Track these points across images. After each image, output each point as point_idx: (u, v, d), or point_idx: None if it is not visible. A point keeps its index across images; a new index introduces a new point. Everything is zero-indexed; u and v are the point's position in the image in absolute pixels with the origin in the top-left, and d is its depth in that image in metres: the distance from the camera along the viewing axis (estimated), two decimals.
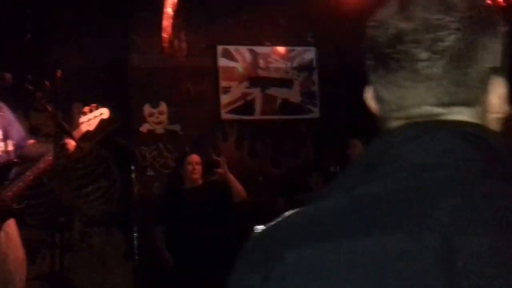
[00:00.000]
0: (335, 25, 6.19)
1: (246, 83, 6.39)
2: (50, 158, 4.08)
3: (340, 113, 6.44)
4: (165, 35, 5.46)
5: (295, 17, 6.31)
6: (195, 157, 5.31)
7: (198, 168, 5.28)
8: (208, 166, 5.37)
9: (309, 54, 6.58)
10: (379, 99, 0.91)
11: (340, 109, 6.44)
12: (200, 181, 5.32)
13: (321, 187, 5.59)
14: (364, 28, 0.91)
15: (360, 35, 0.91)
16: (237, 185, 5.29)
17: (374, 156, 0.85)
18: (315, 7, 6.22)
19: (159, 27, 5.66)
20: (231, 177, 5.31)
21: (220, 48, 6.29)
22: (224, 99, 6.30)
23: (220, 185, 5.30)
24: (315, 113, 6.58)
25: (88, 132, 4.26)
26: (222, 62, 6.30)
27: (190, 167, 5.27)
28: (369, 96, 0.94)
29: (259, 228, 0.86)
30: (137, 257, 6.00)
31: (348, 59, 6.30)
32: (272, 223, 0.84)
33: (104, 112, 4.33)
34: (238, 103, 6.36)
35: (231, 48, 6.33)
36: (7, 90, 4.25)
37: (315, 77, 6.60)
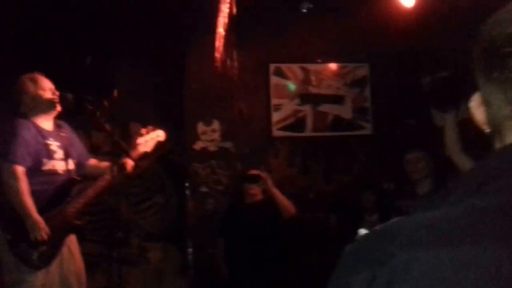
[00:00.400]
0: (388, 41, 6.19)
1: (297, 100, 6.46)
2: (109, 176, 4.27)
3: (393, 129, 6.43)
4: (217, 54, 5.59)
5: (348, 34, 6.31)
6: None
7: None
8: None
9: (362, 70, 6.60)
10: (490, 104, 0.86)
11: (393, 125, 6.44)
12: (259, 197, 5.41)
13: (374, 204, 5.58)
14: (419, 43, 0.91)
15: (413, 50, 0.92)
16: (283, 201, 5.32)
17: (489, 170, 0.82)
18: (368, 23, 6.19)
19: (212, 47, 5.80)
20: (277, 193, 5.35)
21: (272, 66, 6.40)
22: (276, 116, 6.39)
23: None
24: (368, 129, 6.58)
25: (145, 153, 4.43)
26: (274, 80, 6.40)
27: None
28: (475, 104, 0.90)
29: (363, 231, 0.86)
30: (192, 271, 6.11)
31: (402, 74, 6.36)
32: (379, 227, 0.82)
33: (160, 134, 4.50)
34: (290, 120, 6.43)
35: (283, 66, 6.44)
36: (69, 110, 4.44)
37: (367, 93, 6.61)
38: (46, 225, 4.03)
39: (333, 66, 6.60)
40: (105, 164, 4.56)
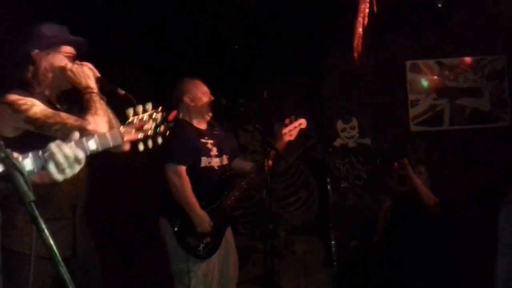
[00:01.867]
0: None
1: (434, 95, 6.55)
2: (259, 171, 4.58)
3: None
4: (355, 54, 5.78)
5: (484, 26, 6.32)
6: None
7: None
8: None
9: (500, 62, 6.57)
10: None
11: None
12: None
13: None
14: None
15: None
16: (424, 191, 5.43)
17: None
18: (504, 14, 6.15)
19: (350, 47, 6.00)
20: (417, 182, 5.45)
21: (408, 63, 6.54)
22: (413, 111, 6.52)
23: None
24: (507, 121, 6.53)
25: (290, 142, 4.67)
26: (411, 76, 6.53)
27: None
28: None
29: None
30: (335, 264, 6.36)
31: None
32: None
33: (302, 122, 4.74)
34: (427, 115, 6.54)
35: (419, 62, 6.56)
36: (222, 112, 4.79)
37: (505, 84, 6.56)
38: (209, 219, 4.39)
39: (469, 59, 6.60)
40: (248, 164, 4.88)
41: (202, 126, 4.66)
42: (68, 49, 2.99)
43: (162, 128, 2.49)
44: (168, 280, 4.48)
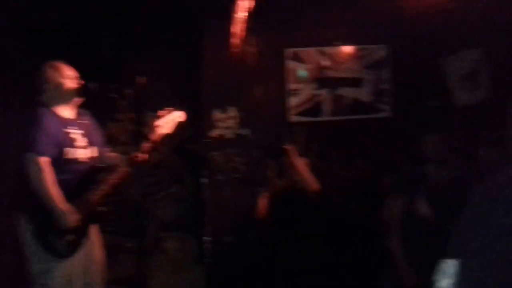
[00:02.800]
0: (407, 21, 6.38)
1: (314, 85, 6.71)
2: (129, 164, 4.58)
3: (413, 112, 6.61)
4: (234, 40, 5.85)
5: (366, 15, 6.47)
6: None
7: None
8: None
9: (381, 51, 6.79)
10: None
11: (413, 107, 6.61)
12: None
13: (394, 187, 5.78)
14: (439, 23, 1.20)
15: (433, 30, 1.18)
16: (308, 175, 5.54)
17: None
18: (386, 3, 6.36)
19: (228, 33, 6.06)
20: (301, 166, 5.55)
21: (287, 51, 6.67)
22: (292, 101, 6.67)
23: None
24: (387, 112, 6.77)
25: (165, 135, 4.72)
26: (290, 64, 6.68)
27: None
28: None
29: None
30: (209, 261, 6.41)
31: (422, 56, 6.59)
32: None
33: (180, 115, 4.80)
34: (307, 105, 6.70)
35: (299, 50, 6.70)
36: (92, 99, 4.73)
37: (387, 75, 6.78)
38: (74, 213, 4.32)
39: (350, 48, 6.78)
40: (115, 155, 4.87)
41: (68, 114, 4.59)
42: None
43: None
44: (27, 282, 4.38)
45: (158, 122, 4.69)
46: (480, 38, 6.46)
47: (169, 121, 4.73)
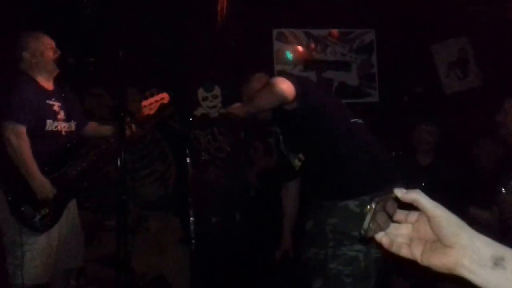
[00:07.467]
0: (395, 5, 6.32)
1: (301, 67, 6.65)
2: (112, 140, 4.43)
3: (400, 96, 6.60)
4: (219, 18, 5.77)
5: None
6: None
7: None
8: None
9: (369, 36, 6.78)
10: None
11: (400, 92, 6.60)
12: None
13: None
14: (427, 7, 1.12)
15: (421, 15, 1.11)
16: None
17: None
18: None
19: (214, 12, 5.96)
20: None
21: (275, 32, 6.58)
22: None
23: None
24: (374, 96, 6.76)
25: (149, 115, 4.61)
26: (277, 45, 6.58)
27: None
28: None
29: None
30: (193, 241, 6.32)
31: (409, 40, 6.53)
32: None
33: (164, 97, 4.67)
34: None
35: (286, 31, 6.61)
36: (69, 72, 4.59)
37: (374, 59, 6.78)
38: (51, 186, 4.17)
39: (338, 31, 6.75)
40: (107, 127, 4.73)
41: (49, 85, 4.44)
42: None
43: None
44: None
45: (143, 103, 4.58)
46: (468, 24, 6.40)
47: (153, 102, 4.62)
